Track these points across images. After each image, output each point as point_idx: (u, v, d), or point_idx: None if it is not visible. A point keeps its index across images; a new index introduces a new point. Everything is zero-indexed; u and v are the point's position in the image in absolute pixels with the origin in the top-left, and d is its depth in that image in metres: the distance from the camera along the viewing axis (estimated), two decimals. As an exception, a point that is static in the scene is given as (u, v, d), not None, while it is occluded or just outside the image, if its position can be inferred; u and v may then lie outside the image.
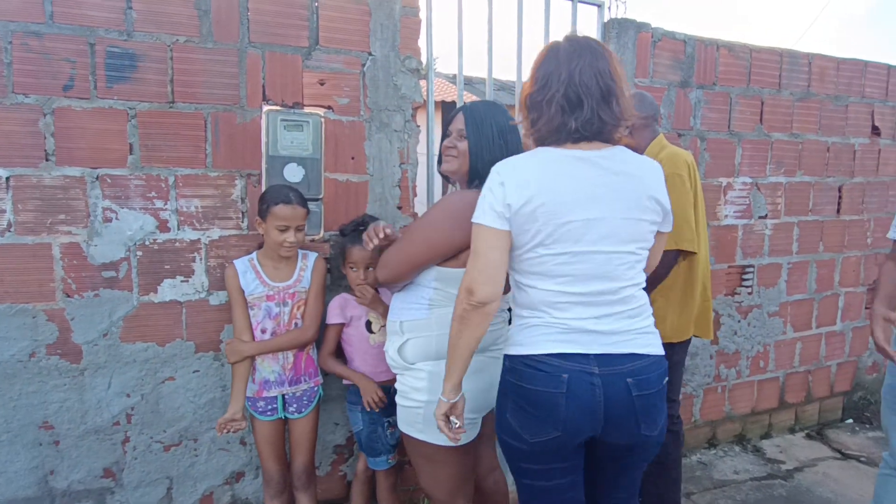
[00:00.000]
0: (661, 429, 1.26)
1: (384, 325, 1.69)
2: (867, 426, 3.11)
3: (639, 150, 1.81)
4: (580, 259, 1.17)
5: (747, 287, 2.70)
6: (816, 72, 2.72)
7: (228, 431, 1.62)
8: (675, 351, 1.87)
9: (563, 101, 1.17)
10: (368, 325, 1.76)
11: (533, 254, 1.18)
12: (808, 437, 2.97)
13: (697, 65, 2.46)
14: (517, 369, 1.21)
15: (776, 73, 2.63)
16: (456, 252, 1.35)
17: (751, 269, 2.70)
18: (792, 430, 3.00)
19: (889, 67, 2.92)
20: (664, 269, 1.75)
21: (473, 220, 1.20)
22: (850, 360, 3.11)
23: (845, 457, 2.75)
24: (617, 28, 2.24)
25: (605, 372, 1.17)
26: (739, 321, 2.71)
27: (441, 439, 1.31)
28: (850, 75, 2.80)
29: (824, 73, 2.74)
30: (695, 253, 1.80)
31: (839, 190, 2.89)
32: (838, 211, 2.90)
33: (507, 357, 1.25)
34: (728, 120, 2.56)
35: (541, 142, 1.23)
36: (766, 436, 2.93)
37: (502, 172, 1.19)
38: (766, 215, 2.70)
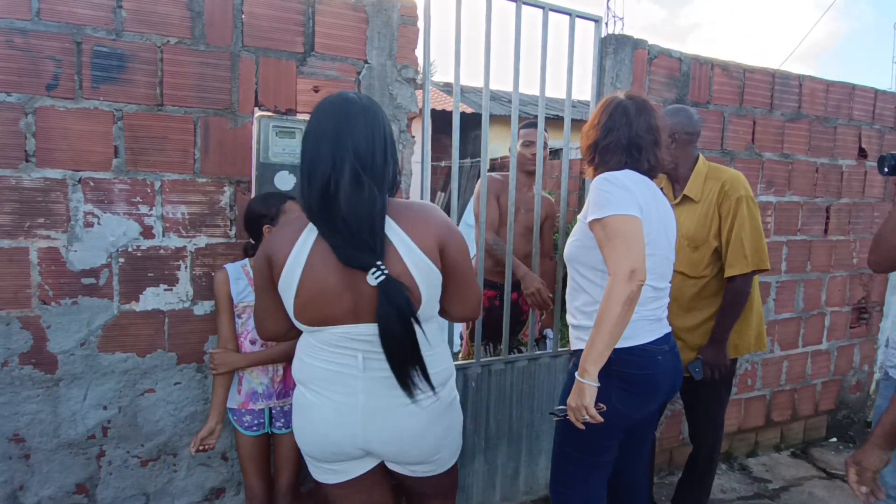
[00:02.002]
0: None
1: None
2: (851, 445, 3.13)
3: (679, 166, 1.97)
4: (661, 261, 1.49)
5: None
6: (807, 93, 2.75)
7: (204, 450, 1.57)
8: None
9: (630, 148, 1.49)
10: None
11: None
12: (794, 455, 2.97)
13: (692, 83, 2.47)
14: (623, 359, 1.42)
15: (768, 93, 2.66)
16: None
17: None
18: (777, 449, 3.01)
19: (876, 91, 2.97)
20: (742, 293, 1.91)
21: (617, 211, 1.36)
22: (835, 378, 3.13)
23: (830, 476, 2.76)
24: (614, 44, 2.24)
25: (670, 347, 1.52)
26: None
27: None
28: (839, 98, 2.84)
29: (814, 94, 2.78)
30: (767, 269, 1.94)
31: (827, 210, 2.92)
32: (826, 231, 2.93)
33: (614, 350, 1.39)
34: (721, 139, 2.57)
35: (607, 171, 1.49)
36: (753, 454, 2.93)
37: (621, 178, 1.43)
38: (756, 234, 2.72)
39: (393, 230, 1.17)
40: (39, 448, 1.59)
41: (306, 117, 1.75)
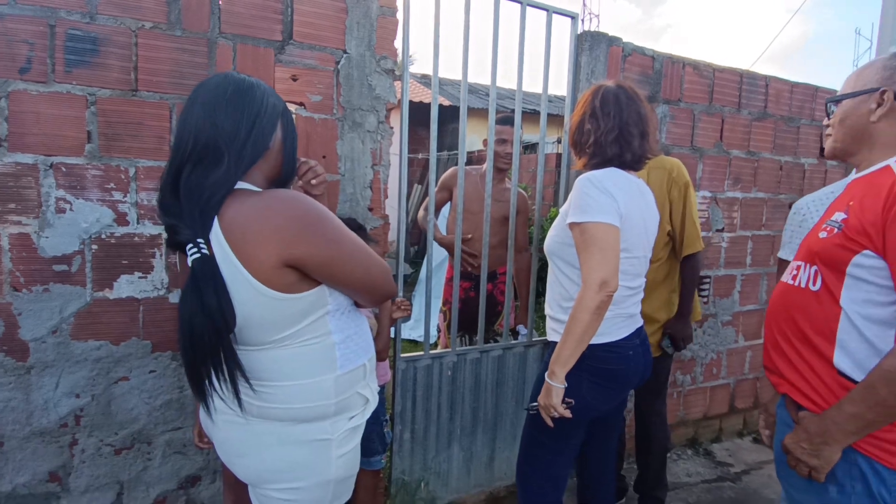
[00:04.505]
0: None
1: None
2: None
3: None
4: (639, 261, 1.53)
5: (704, 297, 2.80)
6: (773, 94, 2.85)
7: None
8: None
9: (619, 138, 1.49)
10: None
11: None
12: (755, 440, 3.10)
13: (664, 81, 2.53)
14: (596, 355, 1.47)
15: (736, 92, 2.74)
16: None
17: (708, 280, 2.80)
18: (740, 435, 3.13)
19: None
20: (698, 268, 2.10)
21: (596, 219, 1.38)
22: (795, 368, 3.26)
23: (788, 461, 2.89)
24: (590, 41, 2.29)
25: (641, 341, 1.58)
26: (696, 330, 2.81)
27: None
28: (803, 98, 2.95)
29: (780, 95, 2.88)
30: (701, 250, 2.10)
31: (789, 207, 3.03)
32: (788, 226, 3.04)
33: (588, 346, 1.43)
34: (691, 136, 2.65)
35: (594, 167, 1.51)
36: (717, 440, 3.05)
37: (605, 181, 1.42)
38: (723, 228, 2.82)
39: (220, 244, 0.97)
40: (12, 436, 1.57)
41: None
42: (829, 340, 1.09)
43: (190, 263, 0.97)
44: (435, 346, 2.99)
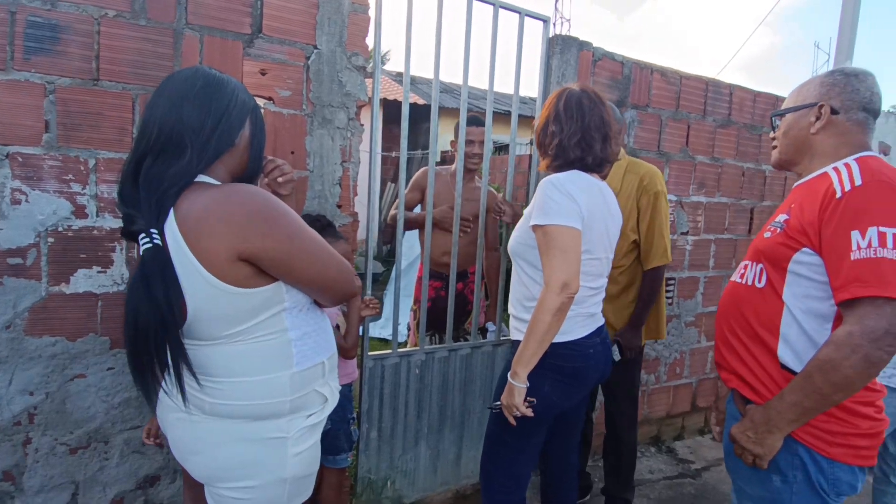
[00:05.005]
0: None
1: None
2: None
3: None
4: (600, 263, 1.55)
5: (668, 298, 2.87)
6: (736, 102, 2.94)
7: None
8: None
9: (581, 142, 1.51)
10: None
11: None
12: (715, 438, 3.19)
13: (633, 86, 2.59)
14: (558, 353, 1.48)
15: (702, 99, 2.82)
16: None
17: (672, 282, 2.88)
18: (701, 433, 3.22)
19: (798, 102, 3.20)
20: (659, 282, 2.07)
21: (558, 221, 1.40)
22: (754, 368, 3.37)
23: (746, 457, 2.98)
24: (561, 44, 2.32)
25: (601, 339, 1.60)
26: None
27: None
28: (765, 107, 3.05)
29: (743, 103, 2.97)
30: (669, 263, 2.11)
31: (751, 212, 3.14)
32: (749, 230, 3.14)
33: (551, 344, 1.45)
34: (658, 140, 2.71)
35: (557, 168, 1.54)
36: (679, 437, 3.12)
37: (567, 184, 1.44)
38: (688, 232, 2.89)
39: (174, 235, 0.96)
40: (-43, 435, 1.51)
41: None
42: (774, 334, 1.16)
43: (141, 253, 0.95)
44: (405, 344, 2.99)
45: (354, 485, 2.16)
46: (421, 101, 8.32)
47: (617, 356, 2.09)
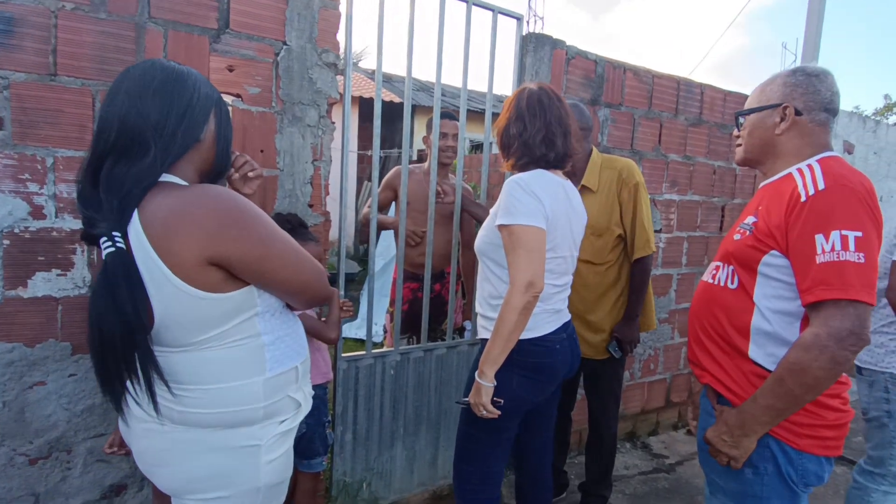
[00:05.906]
0: None
1: None
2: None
3: (576, 160, 2.02)
4: (565, 261, 1.57)
5: (642, 295, 2.90)
6: (707, 101, 2.98)
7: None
8: None
9: (545, 139, 1.52)
10: None
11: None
12: (689, 433, 3.24)
13: (606, 84, 2.60)
14: (525, 349, 1.49)
15: (674, 98, 2.85)
16: None
17: (646, 279, 2.90)
18: (675, 427, 3.26)
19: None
20: (648, 273, 2.08)
21: (523, 221, 1.40)
22: (726, 363, 3.43)
23: (719, 451, 3.03)
24: (534, 42, 2.32)
25: (567, 335, 1.62)
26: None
27: None
28: (735, 106, 3.10)
29: (714, 102, 3.01)
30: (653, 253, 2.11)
31: (722, 209, 3.19)
32: (721, 228, 3.20)
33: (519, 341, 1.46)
34: (632, 139, 2.73)
35: (522, 167, 1.56)
36: (654, 433, 3.16)
37: (532, 184, 1.45)
38: (661, 230, 2.92)
39: (138, 239, 0.92)
40: None
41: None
42: (744, 335, 1.18)
43: (104, 258, 0.91)
44: (380, 345, 2.96)
45: (329, 488, 2.13)
46: (397, 99, 8.27)
47: (617, 353, 2.10)
